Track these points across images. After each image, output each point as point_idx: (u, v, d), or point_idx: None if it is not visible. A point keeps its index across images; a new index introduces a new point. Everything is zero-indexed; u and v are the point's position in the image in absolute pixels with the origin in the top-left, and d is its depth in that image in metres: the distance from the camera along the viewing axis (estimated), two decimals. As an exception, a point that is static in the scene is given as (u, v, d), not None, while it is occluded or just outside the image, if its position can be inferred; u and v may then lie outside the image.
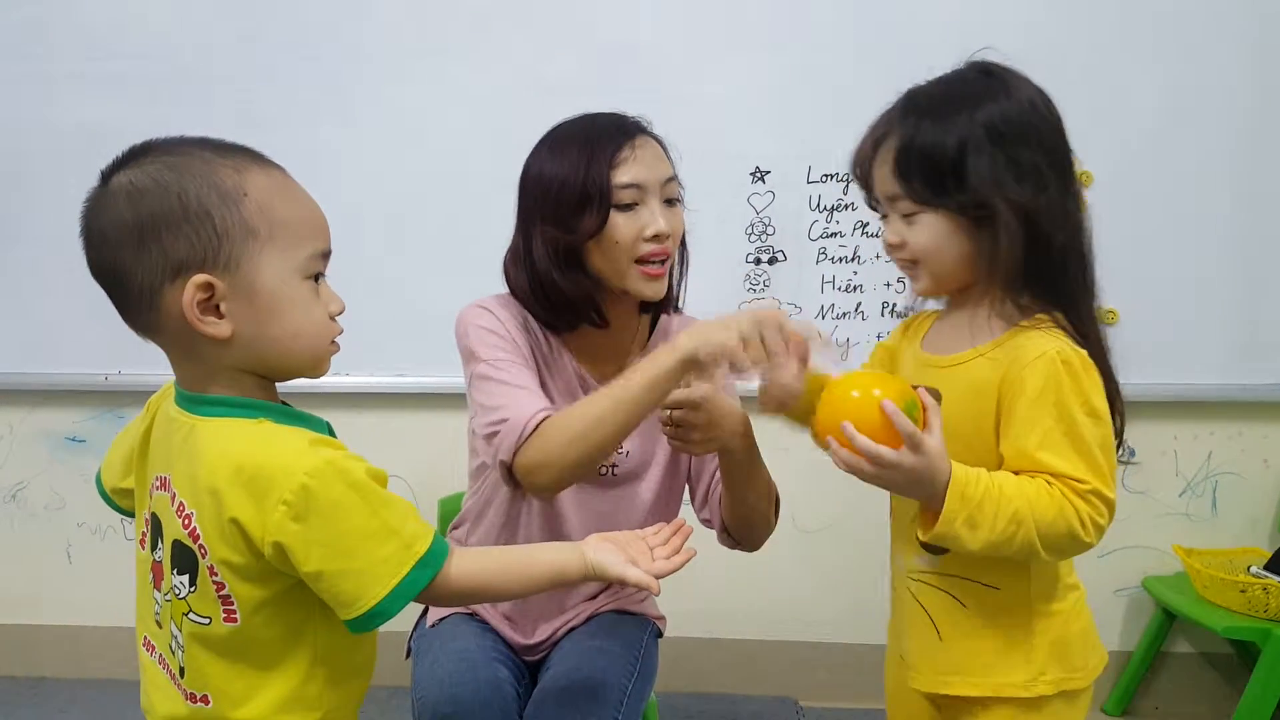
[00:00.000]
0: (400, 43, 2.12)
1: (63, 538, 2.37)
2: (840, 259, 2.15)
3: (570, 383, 1.34)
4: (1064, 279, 1.04)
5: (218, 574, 0.84)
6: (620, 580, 0.94)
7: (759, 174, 2.13)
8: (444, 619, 1.38)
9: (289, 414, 0.90)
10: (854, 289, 2.17)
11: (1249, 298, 2.13)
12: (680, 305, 1.41)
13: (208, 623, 0.86)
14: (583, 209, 1.23)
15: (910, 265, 1.07)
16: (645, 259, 1.25)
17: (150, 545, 0.92)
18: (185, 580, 0.86)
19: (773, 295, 2.15)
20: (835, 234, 2.15)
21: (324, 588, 0.83)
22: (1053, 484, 0.97)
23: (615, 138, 1.25)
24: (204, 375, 0.87)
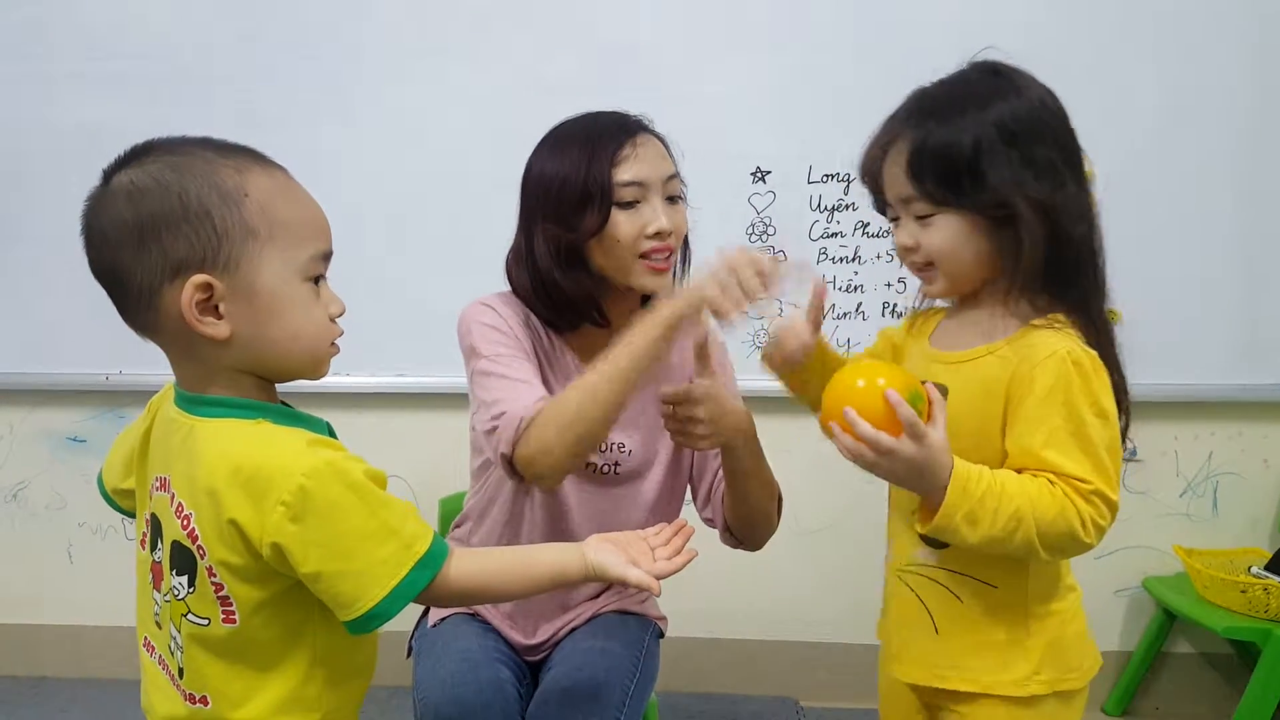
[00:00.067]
0: (400, 43, 2.12)
1: (63, 537, 2.37)
2: (841, 259, 2.15)
3: (572, 381, 1.34)
4: (1079, 277, 1.03)
5: (216, 575, 0.84)
6: (621, 581, 0.93)
7: (760, 174, 2.13)
8: (445, 619, 1.38)
9: (288, 415, 0.90)
10: (855, 289, 2.17)
11: (1249, 298, 2.13)
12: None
13: (206, 624, 0.86)
14: (584, 207, 1.23)
15: (925, 268, 1.07)
16: (648, 254, 1.25)
17: (150, 546, 0.92)
18: (184, 581, 0.86)
19: (773, 295, 2.14)
20: (836, 234, 2.15)
21: (322, 589, 0.83)
22: (1055, 483, 0.97)
23: (617, 136, 1.25)
24: (203, 376, 0.87)
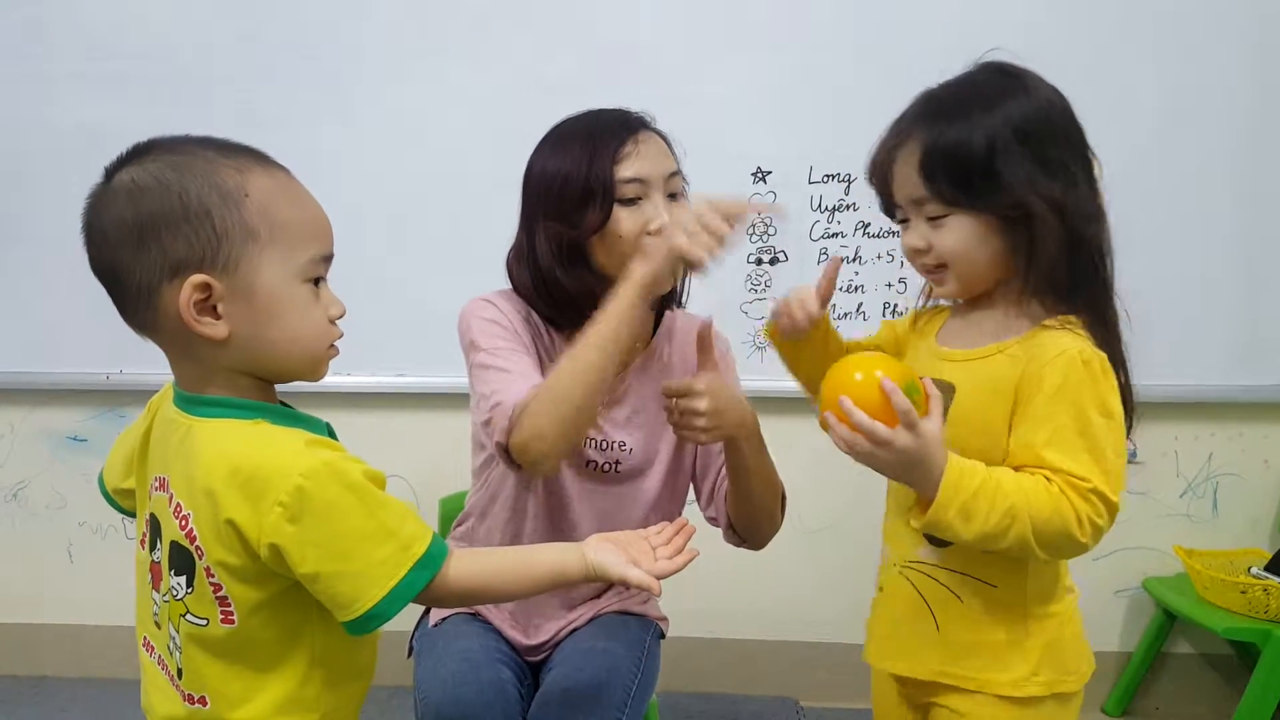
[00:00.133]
0: (400, 43, 2.12)
1: (64, 537, 2.37)
2: (842, 259, 2.14)
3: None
4: (1090, 277, 1.03)
5: (214, 575, 0.84)
6: (621, 581, 0.93)
7: (760, 174, 2.13)
8: (446, 618, 1.38)
9: (287, 415, 0.90)
10: (855, 289, 2.17)
11: (1250, 298, 2.13)
12: (684, 301, 1.41)
13: (205, 624, 0.86)
14: (586, 204, 1.23)
15: (937, 269, 1.06)
16: None
17: (149, 546, 0.92)
18: (182, 581, 0.86)
19: (774, 295, 2.15)
20: (836, 234, 2.15)
21: (321, 589, 0.83)
22: (1052, 481, 0.97)
23: (619, 133, 1.25)
24: (201, 376, 0.87)
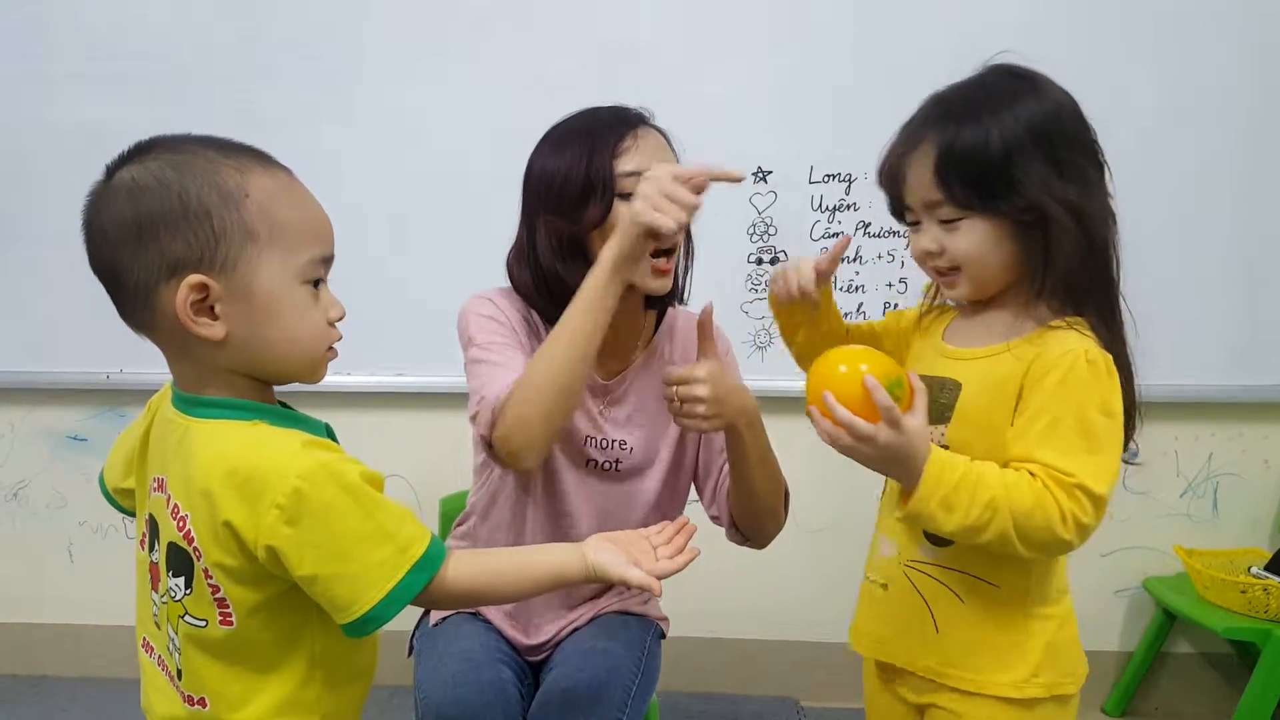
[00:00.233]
0: (400, 43, 2.12)
1: (64, 536, 2.37)
2: (842, 259, 2.14)
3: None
4: (1101, 279, 1.03)
5: (212, 577, 0.84)
6: (622, 582, 0.93)
7: (761, 174, 2.13)
8: (447, 618, 1.38)
9: (286, 416, 0.90)
10: (856, 289, 2.16)
11: (1250, 299, 2.13)
12: (685, 298, 1.40)
13: (204, 625, 0.86)
14: (587, 199, 1.23)
15: (949, 272, 1.06)
16: (652, 253, 1.24)
17: (149, 547, 0.92)
18: (181, 583, 0.86)
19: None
20: (837, 234, 2.15)
21: (318, 592, 0.83)
22: (1037, 476, 0.97)
23: (618, 128, 1.25)
24: (199, 376, 0.87)
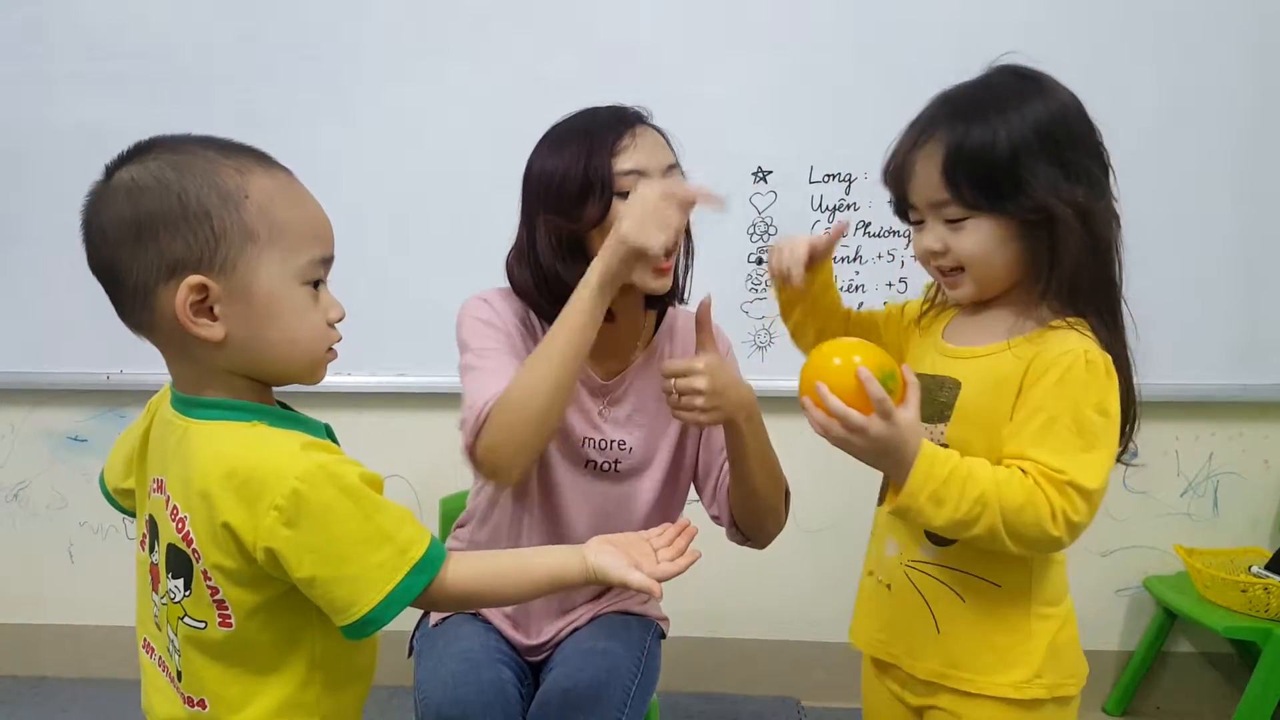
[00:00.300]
0: (400, 43, 2.12)
1: (64, 537, 2.37)
2: (842, 259, 2.15)
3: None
4: (1107, 280, 1.03)
5: (211, 579, 0.84)
6: (622, 584, 0.92)
7: (761, 174, 2.13)
8: (447, 619, 1.38)
9: (286, 417, 0.90)
10: (856, 289, 2.16)
11: (1250, 298, 2.13)
12: (686, 297, 1.40)
13: (203, 627, 0.86)
14: (586, 198, 1.22)
15: (953, 272, 1.06)
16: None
17: (149, 548, 0.92)
18: (180, 584, 0.86)
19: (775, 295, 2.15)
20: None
21: (317, 594, 0.82)
22: (1028, 473, 0.97)
23: (616, 127, 1.25)
24: (198, 377, 0.87)
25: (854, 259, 2.15)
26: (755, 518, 1.33)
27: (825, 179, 2.13)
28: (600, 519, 1.34)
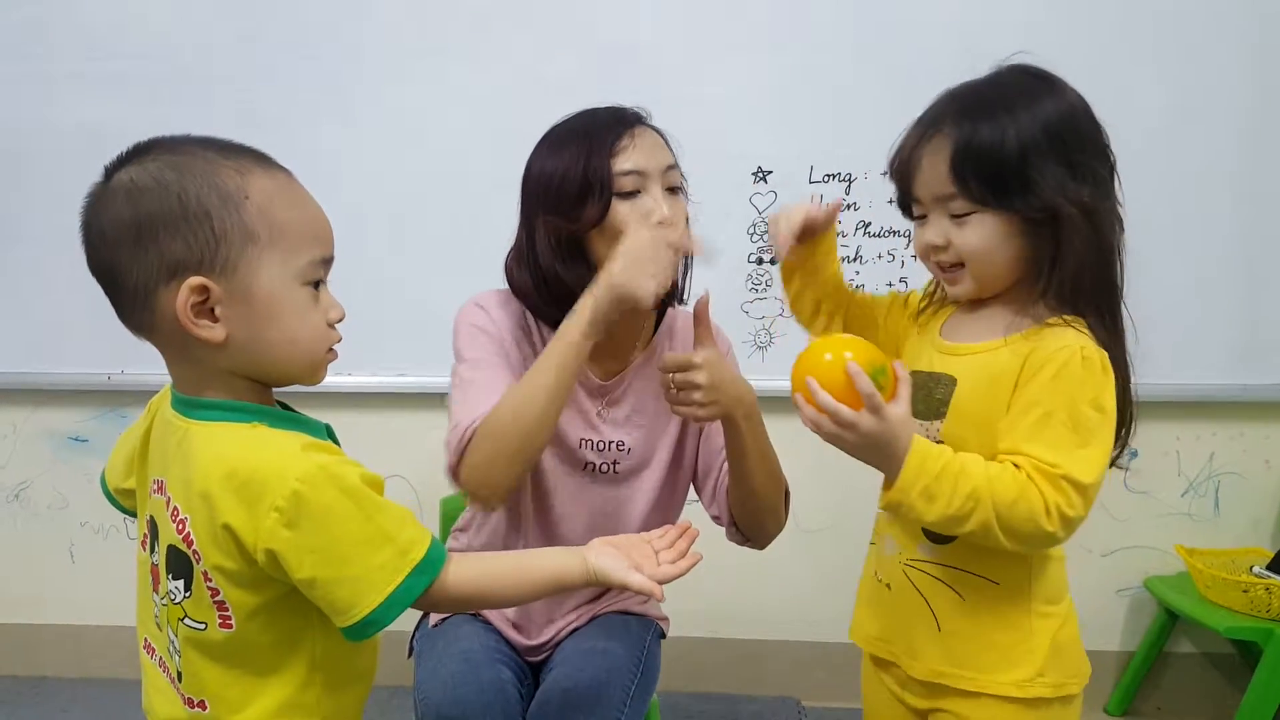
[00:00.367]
0: (400, 43, 2.12)
1: (65, 537, 2.37)
2: (842, 259, 2.13)
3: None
4: (1108, 281, 1.04)
5: (212, 580, 0.84)
6: (623, 586, 0.92)
7: (761, 174, 2.13)
8: (446, 619, 1.38)
9: (286, 417, 0.90)
10: (855, 288, 2.15)
11: (1251, 298, 2.12)
12: (685, 298, 1.40)
13: (203, 628, 0.86)
14: (585, 198, 1.22)
15: (953, 268, 1.06)
16: None
17: (149, 548, 0.92)
18: (180, 585, 0.86)
19: (775, 295, 2.15)
20: (837, 234, 2.14)
21: (318, 595, 0.82)
22: (1021, 467, 0.97)
23: (615, 128, 1.25)
24: (199, 378, 0.87)
25: (854, 259, 2.15)
26: (755, 518, 1.33)
27: (825, 179, 2.12)
28: (599, 521, 1.34)
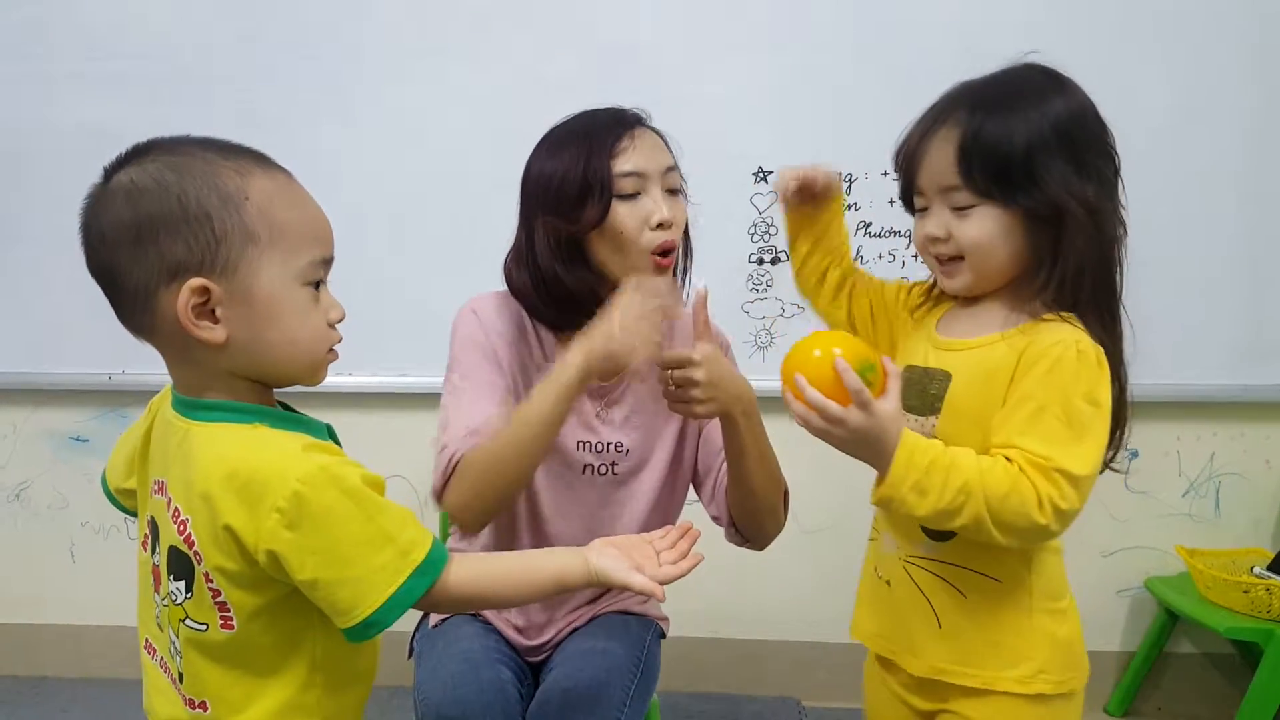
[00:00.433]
0: (400, 43, 2.12)
1: (66, 537, 2.37)
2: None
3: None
4: (1108, 281, 1.04)
5: (213, 581, 0.84)
6: (624, 587, 0.93)
7: (761, 174, 2.13)
8: (446, 620, 1.38)
9: (287, 418, 0.90)
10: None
11: (1253, 299, 2.12)
12: (685, 299, 1.40)
13: (205, 629, 0.86)
14: (584, 200, 1.23)
15: (951, 261, 1.06)
16: (654, 251, 1.24)
17: (150, 548, 0.92)
18: (181, 586, 0.86)
19: (775, 295, 2.15)
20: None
21: (319, 596, 0.82)
22: (1013, 460, 0.97)
23: (614, 129, 1.25)
24: (199, 379, 0.87)
25: (854, 259, 2.14)
26: (754, 518, 1.33)
27: (825, 179, 2.12)
28: (598, 523, 1.34)
